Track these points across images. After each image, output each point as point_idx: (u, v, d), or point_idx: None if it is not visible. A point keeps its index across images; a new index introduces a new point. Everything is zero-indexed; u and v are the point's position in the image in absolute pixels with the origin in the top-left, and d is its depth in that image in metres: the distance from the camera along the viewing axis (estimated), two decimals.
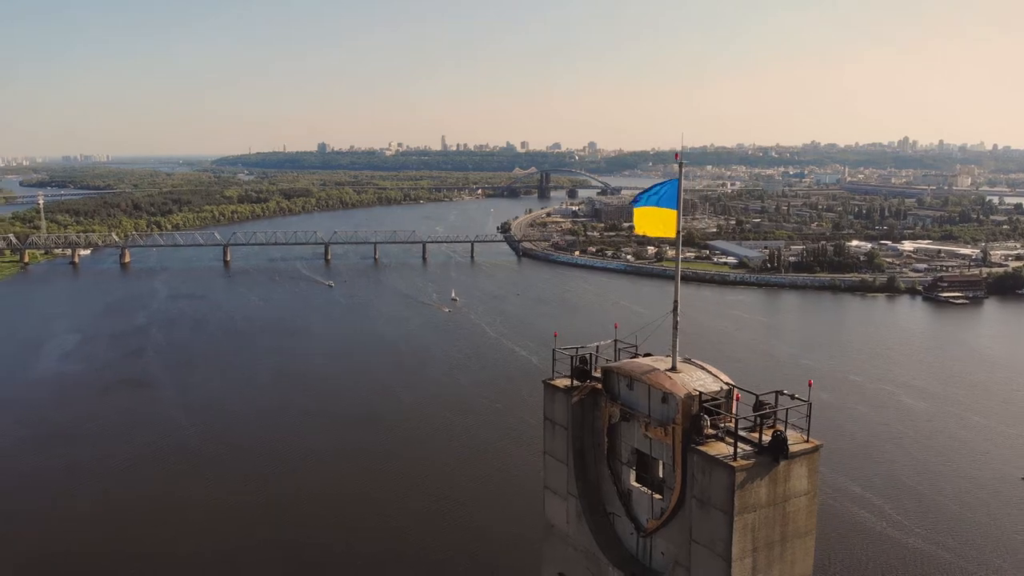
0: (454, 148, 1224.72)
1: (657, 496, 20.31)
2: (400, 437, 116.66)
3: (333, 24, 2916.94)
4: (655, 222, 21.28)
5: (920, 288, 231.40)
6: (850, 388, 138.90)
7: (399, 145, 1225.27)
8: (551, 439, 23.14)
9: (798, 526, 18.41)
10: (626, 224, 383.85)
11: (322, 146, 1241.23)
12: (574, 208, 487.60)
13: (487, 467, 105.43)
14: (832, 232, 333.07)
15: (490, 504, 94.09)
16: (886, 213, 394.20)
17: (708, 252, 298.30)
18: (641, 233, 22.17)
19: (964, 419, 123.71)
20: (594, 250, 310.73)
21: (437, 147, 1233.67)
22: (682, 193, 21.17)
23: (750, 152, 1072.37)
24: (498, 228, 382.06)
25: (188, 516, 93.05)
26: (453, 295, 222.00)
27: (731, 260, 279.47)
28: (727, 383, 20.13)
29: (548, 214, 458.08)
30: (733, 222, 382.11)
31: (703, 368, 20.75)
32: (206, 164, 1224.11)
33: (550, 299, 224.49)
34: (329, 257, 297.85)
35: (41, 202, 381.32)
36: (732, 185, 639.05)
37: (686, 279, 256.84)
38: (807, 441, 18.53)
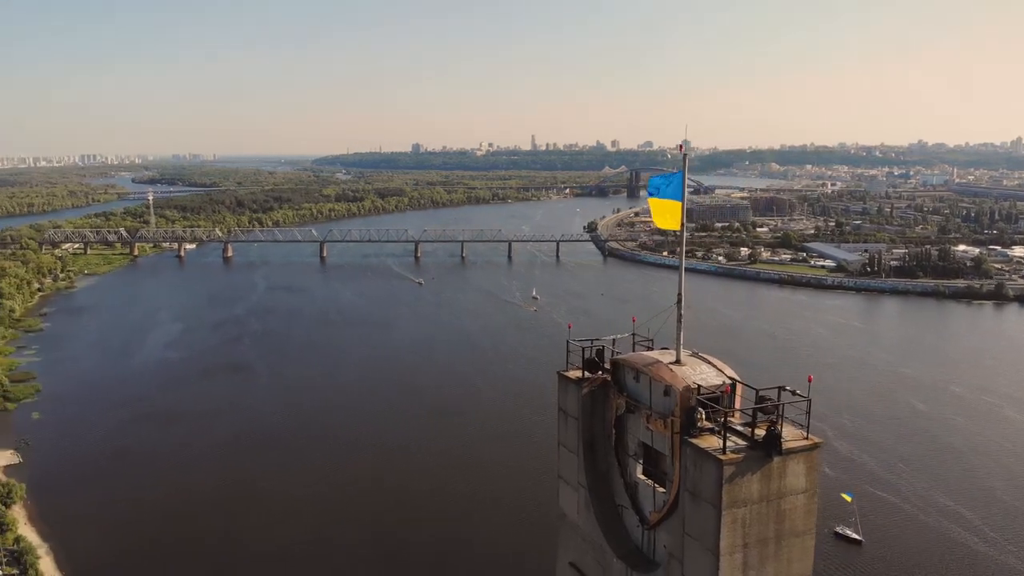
0: (543, 148, 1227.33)
1: (661, 489, 20.38)
2: (480, 432, 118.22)
3: (426, 30, 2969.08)
4: (665, 214, 21.61)
5: None
6: (950, 399, 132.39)
7: (489, 145, 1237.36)
8: (564, 430, 23.46)
9: (795, 524, 18.06)
10: (717, 224, 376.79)
11: (416, 146, 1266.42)
12: None
13: None
14: (937, 236, 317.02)
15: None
16: (996, 217, 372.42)
17: (805, 255, 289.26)
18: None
19: None
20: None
21: (527, 147, 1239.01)
22: (686, 185, 21.33)
23: (852, 151, 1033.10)
24: (584, 228, 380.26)
25: (268, 504, 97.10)
26: (534, 293, 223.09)
27: (828, 263, 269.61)
28: (731, 377, 19.96)
29: (636, 213, 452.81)
30: (832, 223, 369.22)
31: (707, 361, 20.64)
32: (307, 164, 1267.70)
33: (634, 299, 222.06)
34: (419, 255, 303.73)
35: (151, 198, 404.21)
36: (832, 185, 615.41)
37: (781, 282, 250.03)
38: (807, 439, 18.18)
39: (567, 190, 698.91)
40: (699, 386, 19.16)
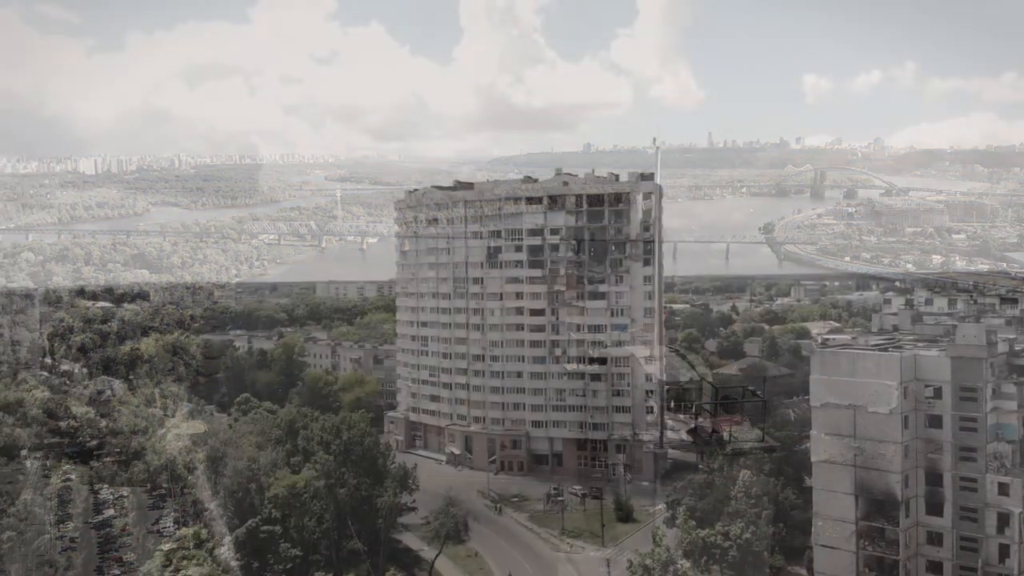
0: (720, 145, 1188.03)
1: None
2: None
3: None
4: None
5: None
6: None
7: (661, 143, 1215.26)
8: None
9: (744, 527, 16.56)
10: (908, 229, 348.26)
11: (587, 146, 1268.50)
12: (849, 209, 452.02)
13: None
14: None
15: None
16: None
17: (1005, 264, 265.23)
18: None
19: None
20: (868, 256, 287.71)
21: (703, 144, 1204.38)
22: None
23: None
24: (760, 229, 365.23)
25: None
26: None
27: None
28: (700, 376, 18.78)
29: (819, 215, 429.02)
30: None
31: (683, 358, 19.47)
32: (483, 164, 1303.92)
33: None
34: None
35: (339, 195, 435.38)
36: None
37: (973, 292, 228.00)
38: (763, 442, 16.66)
39: (743, 189, 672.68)
40: (659, 380, 18.35)
